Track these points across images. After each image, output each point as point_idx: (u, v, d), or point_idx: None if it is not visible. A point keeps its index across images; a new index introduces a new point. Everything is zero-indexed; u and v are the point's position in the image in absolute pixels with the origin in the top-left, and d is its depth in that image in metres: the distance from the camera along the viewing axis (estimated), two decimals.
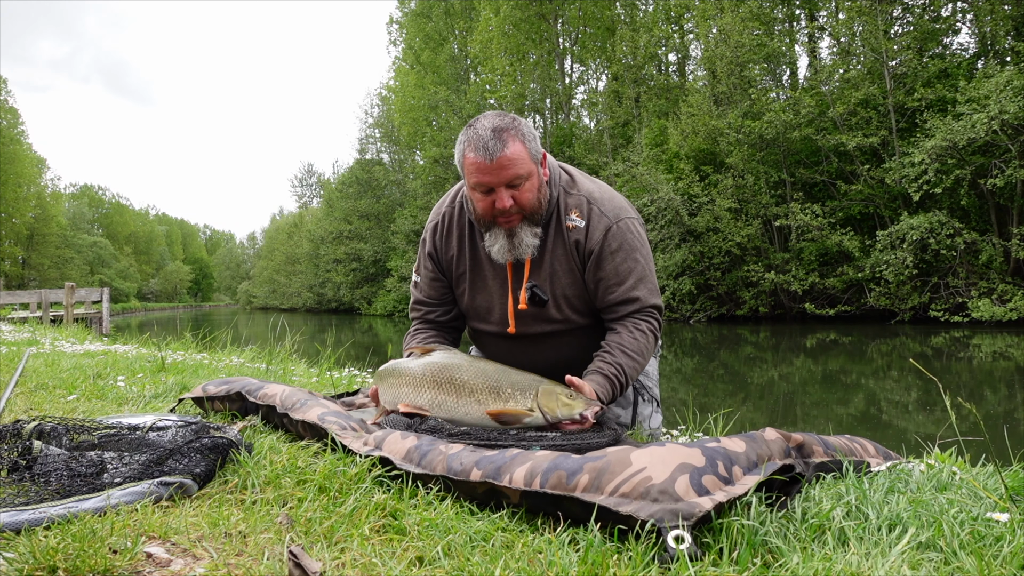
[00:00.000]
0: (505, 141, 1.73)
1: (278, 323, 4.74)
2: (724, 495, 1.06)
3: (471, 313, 2.05)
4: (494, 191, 1.77)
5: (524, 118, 1.90)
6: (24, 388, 2.85)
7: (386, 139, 42.72)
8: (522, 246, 1.85)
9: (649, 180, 20.38)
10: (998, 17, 17.35)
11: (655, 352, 2.21)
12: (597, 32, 27.75)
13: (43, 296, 19.13)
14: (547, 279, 1.89)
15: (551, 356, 1.96)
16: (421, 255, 2.09)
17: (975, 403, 5.86)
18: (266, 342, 4.55)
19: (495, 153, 1.72)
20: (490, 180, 1.75)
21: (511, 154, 1.73)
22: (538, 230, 1.85)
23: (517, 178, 1.76)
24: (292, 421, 1.69)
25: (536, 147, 1.80)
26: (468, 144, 1.77)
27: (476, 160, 1.74)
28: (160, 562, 0.99)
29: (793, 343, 15.10)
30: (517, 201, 1.78)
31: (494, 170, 1.73)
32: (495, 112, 1.81)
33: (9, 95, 49.40)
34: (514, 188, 1.77)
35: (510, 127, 1.76)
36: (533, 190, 1.80)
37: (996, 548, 0.98)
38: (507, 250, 1.86)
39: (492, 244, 1.87)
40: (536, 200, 1.82)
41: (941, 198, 16.53)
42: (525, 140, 1.77)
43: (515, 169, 1.74)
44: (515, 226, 1.83)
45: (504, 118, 1.78)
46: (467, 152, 1.77)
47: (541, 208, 1.85)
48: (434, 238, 2.03)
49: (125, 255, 76.54)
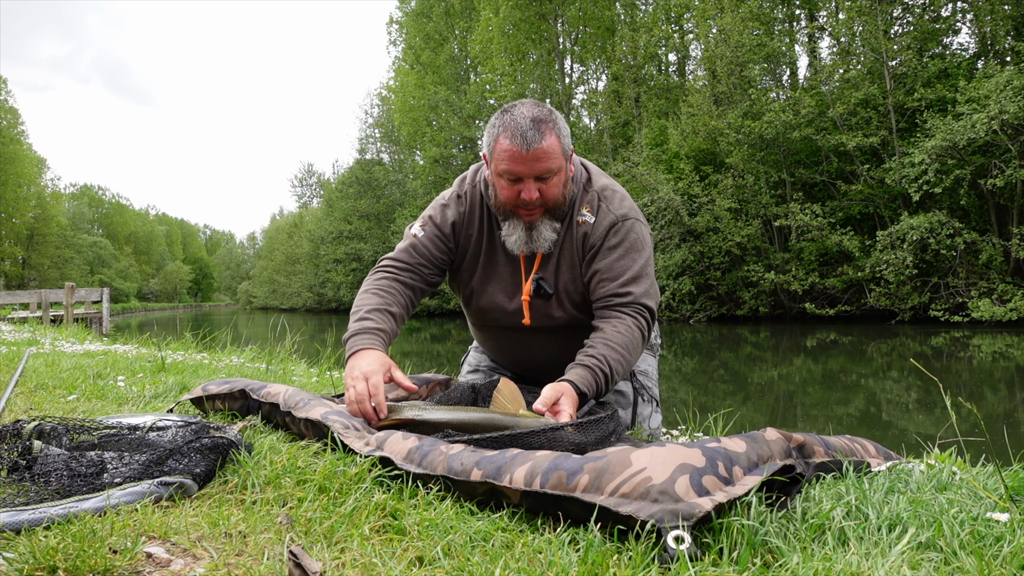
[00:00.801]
0: (543, 133, 1.70)
1: (278, 323, 4.74)
2: (724, 495, 1.06)
3: (480, 300, 1.98)
4: (522, 181, 1.74)
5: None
6: (24, 388, 2.85)
7: (386, 139, 42.75)
8: (540, 239, 1.83)
9: (649, 180, 20.38)
10: (998, 17, 17.35)
11: (654, 351, 2.20)
12: (597, 32, 27.75)
13: (43, 296, 19.13)
14: (553, 273, 1.88)
15: (557, 350, 1.94)
16: (438, 218, 1.95)
17: (975, 403, 5.87)
18: (266, 342, 4.55)
19: (532, 144, 1.69)
20: (522, 170, 1.73)
21: (547, 146, 1.71)
22: (557, 225, 1.84)
23: (548, 172, 1.74)
24: (295, 419, 1.69)
25: (568, 143, 1.79)
26: (504, 130, 1.73)
27: (511, 148, 1.70)
28: (160, 562, 0.99)
29: (793, 343, 15.10)
30: (543, 194, 1.76)
31: (528, 160, 1.71)
32: (533, 101, 1.78)
33: (9, 95, 49.48)
34: (542, 181, 1.75)
35: (548, 119, 1.73)
36: (560, 185, 1.78)
37: (996, 548, 0.98)
38: (524, 242, 1.83)
39: (509, 234, 1.85)
40: (561, 195, 1.81)
41: (941, 198, 16.54)
42: (560, 134, 1.75)
43: (548, 163, 1.72)
44: (536, 219, 1.81)
45: (543, 109, 1.76)
46: (501, 138, 1.73)
47: (564, 204, 1.84)
48: (459, 208, 1.95)
49: (125, 255, 76.58)
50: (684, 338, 16.66)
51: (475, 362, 2.23)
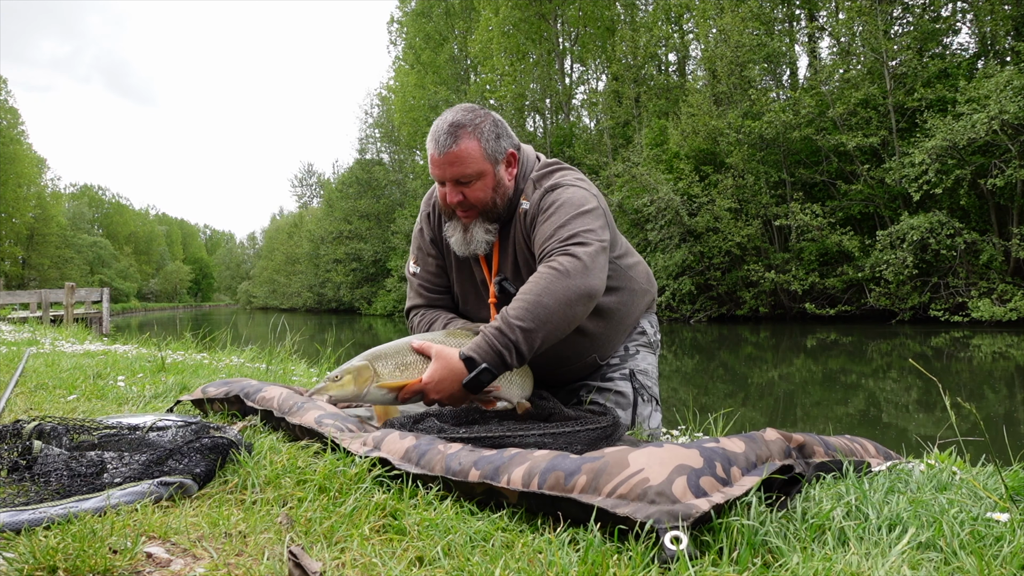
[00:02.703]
0: (458, 137, 1.74)
1: (278, 323, 4.74)
2: (722, 496, 1.06)
3: (464, 304, 2.06)
4: (444, 184, 1.80)
5: (495, 115, 1.84)
6: (24, 388, 2.85)
7: (386, 139, 42.73)
8: (475, 242, 1.86)
9: (649, 180, 20.38)
10: (998, 17, 17.34)
11: (654, 350, 2.16)
12: (597, 32, 27.74)
13: (43, 296, 19.12)
14: (511, 272, 1.91)
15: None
16: (421, 244, 2.05)
17: (975, 403, 5.86)
18: (266, 342, 4.55)
19: (444, 148, 1.74)
20: (438, 173, 1.79)
21: (459, 151, 1.74)
22: (491, 227, 1.86)
23: (464, 176, 1.77)
24: (289, 425, 1.69)
25: (496, 146, 1.79)
26: (430, 133, 1.80)
27: (431, 152, 1.78)
28: (160, 562, 0.99)
29: (793, 343, 15.10)
30: (467, 197, 1.79)
31: (442, 164, 1.76)
32: (465, 106, 1.81)
33: (9, 95, 49.47)
34: (463, 185, 1.78)
35: (468, 124, 1.76)
36: (486, 189, 1.80)
37: (996, 548, 0.98)
38: (462, 243, 1.88)
39: (450, 236, 1.91)
40: (489, 199, 1.82)
41: (941, 198, 16.53)
42: (482, 138, 1.76)
43: (462, 167, 1.75)
44: (470, 221, 1.85)
45: (468, 114, 1.78)
46: (428, 141, 1.80)
47: (496, 207, 1.85)
48: (430, 224, 2.03)
49: (125, 255, 76.55)
50: (684, 338, 16.65)
51: None
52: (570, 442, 1.47)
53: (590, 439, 1.49)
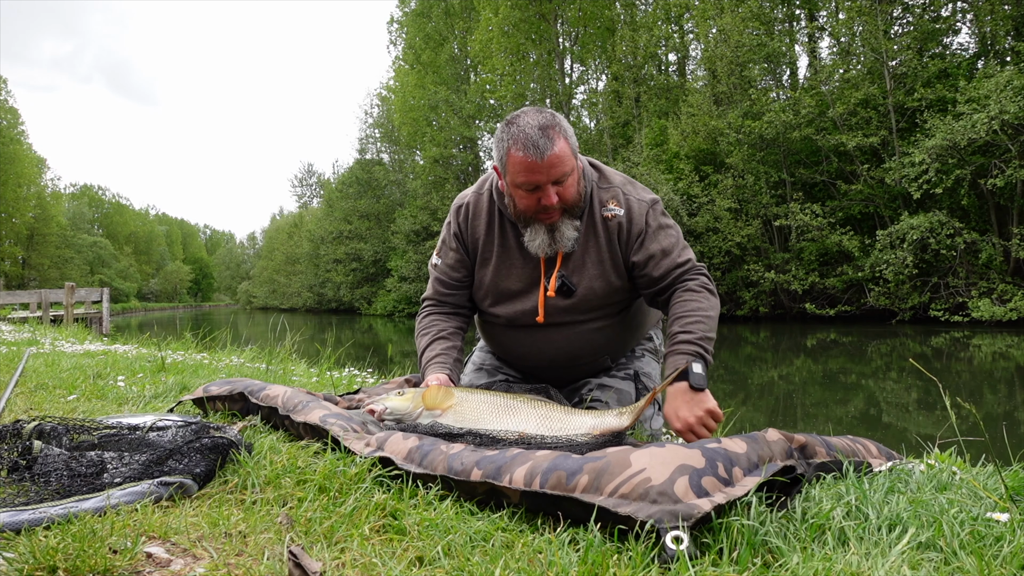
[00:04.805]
0: (553, 139, 1.73)
1: (278, 323, 4.74)
2: (723, 496, 1.06)
3: (492, 298, 2.03)
4: (540, 188, 1.77)
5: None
6: (24, 388, 2.85)
7: (386, 139, 42.71)
8: (563, 239, 1.86)
9: (649, 180, 20.36)
10: (998, 17, 17.34)
11: (657, 354, 2.21)
12: (597, 32, 27.74)
13: (43, 296, 19.12)
14: (575, 271, 1.91)
15: (566, 348, 1.98)
16: (446, 236, 2.08)
17: (975, 403, 5.86)
18: (266, 342, 4.55)
19: (545, 151, 1.72)
20: (539, 178, 1.75)
21: (559, 151, 1.74)
22: (577, 223, 1.88)
23: (564, 175, 1.77)
24: (294, 423, 1.69)
25: (575, 141, 1.83)
26: (514, 142, 1.75)
27: (525, 159, 1.73)
28: (160, 562, 0.99)
29: (793, 343, 15.10)
30: (561, 197, 1.80)
31: (544, 168, 1.74)
32: (534, 108, 1.81)
33: (9, 95, 49.48)
34: (559, 184, 1.78)
35: (554, 124, 1.76)
36: (575, 184, 1.82)
37: (996, 548, 0.98)
38: (548, 244, 1.87)
39: (532, 239, 1.88)
40: (578, 194, 1.85)
41: (941, 198, 16.53)
42: (567, 136, 1.78)
43: (562, 167, 1.76)
44: (556, 221, 1.84)
45: (545, 115, 1.78)
46: (512, 150, 1.75)
47: (581, 201, 1.88)
48: (458, 219, 2.03)
49: (125, 255, 76.53)
50: None
51: (479, 361, 2.24)
52: (573, 442, 1.47)
53: (593, 439, 1.49)
